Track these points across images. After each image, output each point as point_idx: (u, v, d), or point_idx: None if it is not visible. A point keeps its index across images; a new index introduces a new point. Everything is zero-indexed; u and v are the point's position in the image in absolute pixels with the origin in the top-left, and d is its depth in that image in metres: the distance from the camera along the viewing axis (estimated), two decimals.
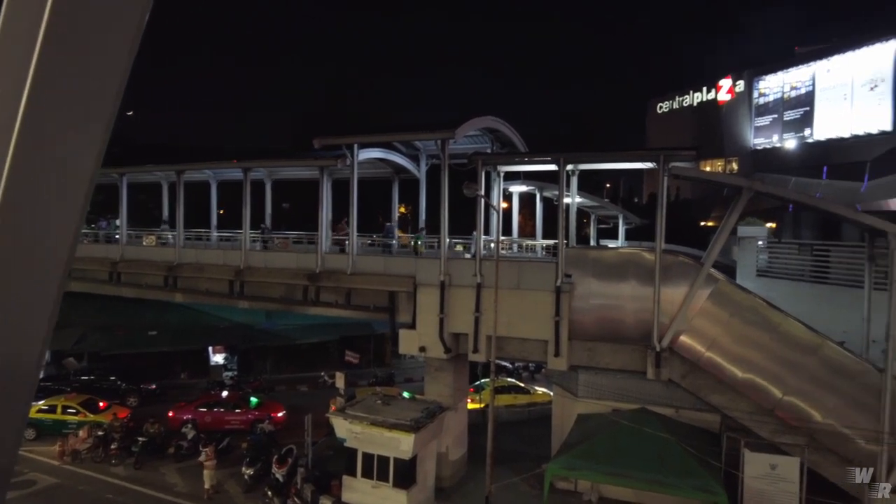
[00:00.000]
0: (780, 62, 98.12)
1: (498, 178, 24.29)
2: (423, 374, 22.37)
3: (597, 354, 19.15)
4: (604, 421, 19.11)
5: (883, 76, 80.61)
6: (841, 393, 16.52)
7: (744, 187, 17.38)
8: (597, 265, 18.91)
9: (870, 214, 18.24)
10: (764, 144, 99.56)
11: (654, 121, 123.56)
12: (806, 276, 23.56)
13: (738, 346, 17.16)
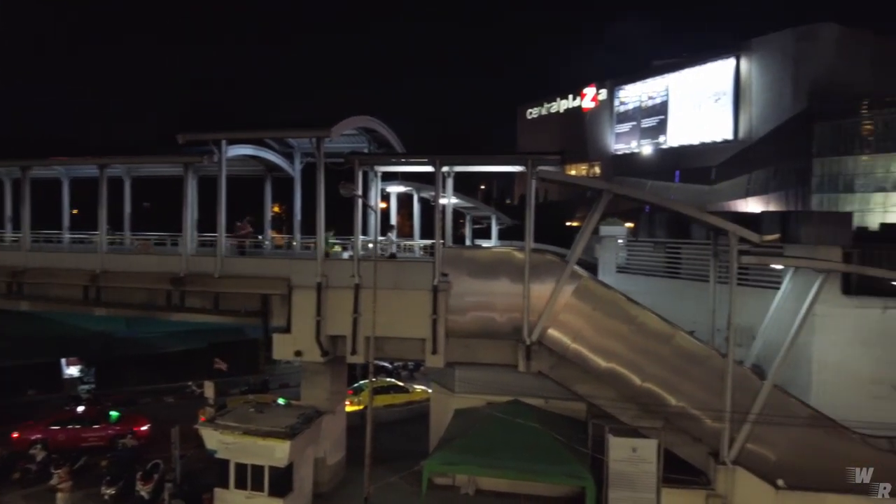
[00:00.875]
0: (639, 73, 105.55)
1: (376, 179, 24.25)
2: (300, 378, 21.87)
3: (472, 350, 19.65)
4: (479, 415, 19.68)
5: (725, 90, 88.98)
6: (692, 377, 18.09)
7: (604, 190, 18.59)
8: (472, 264, 19.42)
9: (714, 215, 20.14)
10: (624, 150, 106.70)
11: (525, 125, 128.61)
12: (660, 271, 25.55)
13: (601, 337, 18.30)
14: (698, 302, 20.61)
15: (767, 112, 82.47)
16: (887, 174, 64.98)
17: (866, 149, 66.16)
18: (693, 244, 24.22)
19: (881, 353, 19.03)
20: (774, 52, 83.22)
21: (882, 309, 19.08)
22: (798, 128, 71.94)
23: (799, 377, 19.19)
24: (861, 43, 77.84)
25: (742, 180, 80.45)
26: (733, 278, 17.65)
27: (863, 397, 18.88)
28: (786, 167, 72.80)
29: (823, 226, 20.15)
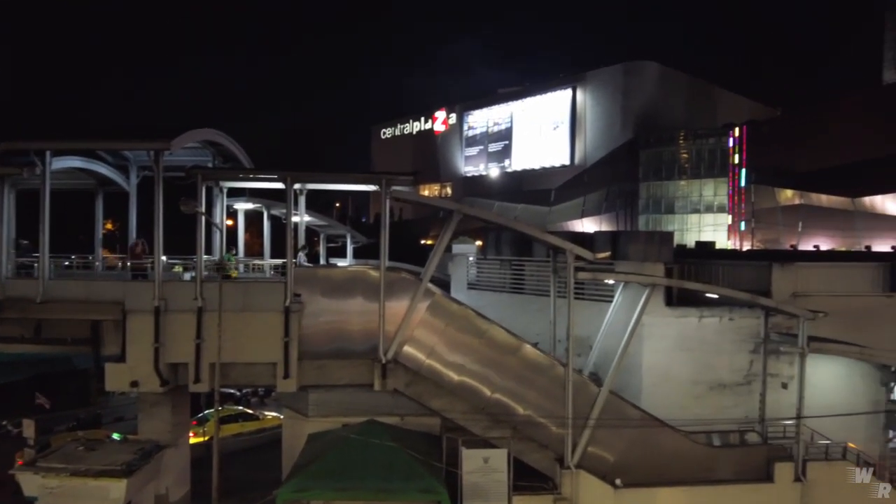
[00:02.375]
0: (486, 100, 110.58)
1: (221, 195, 23.17)
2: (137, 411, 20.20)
3: (327, 372, 19.30)
4: (334, 437, 19.31)
5: (563, 118, 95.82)
6: (537, 387, 19.11)
7: (454, 210, 19.26)
8: (326, 283, 19.15)
9: (553, 234, 21.55)
10: (473, 172, 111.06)
11: (379, 145, 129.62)
12: (507, 287, 26.81)
13: (454, 352, 18.81)
14: (541, 315, 21.87)
15: (600, 139, 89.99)
16: (701, 197, 73.40)
17: (683, 175, 74.33)
18: (535, 261, 25.68)
19: (699, 357, 21.33)
20: (606, 84, 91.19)
21: (698, 318, 21.42)
22: (626, 154, 79.33)
23: (631, 382, 20.96)
24: (677, 81, 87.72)
25: (578, 202, 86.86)
26: (571, 293, 18.98)
27: (685, 398, 21.05)
28: (616, 190, 79.82)
29: (648, 244, 22.27)
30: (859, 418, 20.90)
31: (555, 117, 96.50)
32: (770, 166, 65.08)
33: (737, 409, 21.24)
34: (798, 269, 23.05)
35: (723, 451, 20.15)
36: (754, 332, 21.42)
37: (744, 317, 21.43)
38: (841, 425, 19.97)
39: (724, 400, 21.28)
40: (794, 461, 19.52)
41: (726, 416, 20.84)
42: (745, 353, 21.46)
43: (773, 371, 21.31)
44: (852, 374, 21.61)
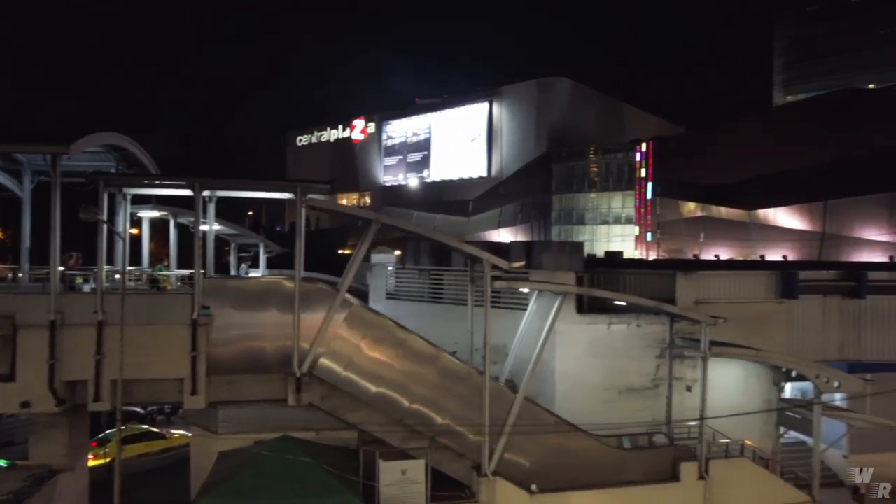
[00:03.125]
0: (405, 110, 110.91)
1: (124, 202, 21.95)
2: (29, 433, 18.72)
3: (238, 387, 18.58)
4: (246, 455, 18.62)
5: (480, 131, 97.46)
6: (455, 396, 19.17)
7: (372, 220, 19.10)
8: (237, 295, 18.46)
9: (471, 244, 21.79)
10: (392, 181, 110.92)
11: (295, 152, 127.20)
12: (425, 297, 26.86)
13: (371, 363, 18.58)
14: (459, 324, 22.02)
15: (516, 152, 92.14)
16: (610, 209, 76.40)
17: (594, 188, 77.19)
18: (454, 271, 25.88)
19: (608, 362, 22.12)
20: (521, 99, 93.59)
21: (608, 325, 22.23)
22: (540, 167, 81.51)
23: (545, 389, 21.44)
24: (587, 97, 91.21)
25: (495, 213, 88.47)
26: (488, 301, 19.23)
27: (596, 402, 21.74)
28: (531, 202, 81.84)
29: (561, 254, 22.97)
30: (755, 417, 22.28)
31: (472, 129, 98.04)
32: (674, 180, 68.68)
33: (645, 412, 22.14)
34: (700, 277, 24.40)
35: (632, 453, 20.92)
36: (660, 338, 22.44)
37: (650, 323, 22.40)
38: (739, 424, 21.20)
39: (634, 403, 22.14)
40: (697, 460, 20.51)
41: (635, 419, 21.68)
42: (652, 358, 22.44)
43: (678, 375, 22.39)
44: (748, 375, 23.01)
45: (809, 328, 25.13)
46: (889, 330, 25.82)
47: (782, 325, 24.68)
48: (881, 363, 25.51)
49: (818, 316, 25.26)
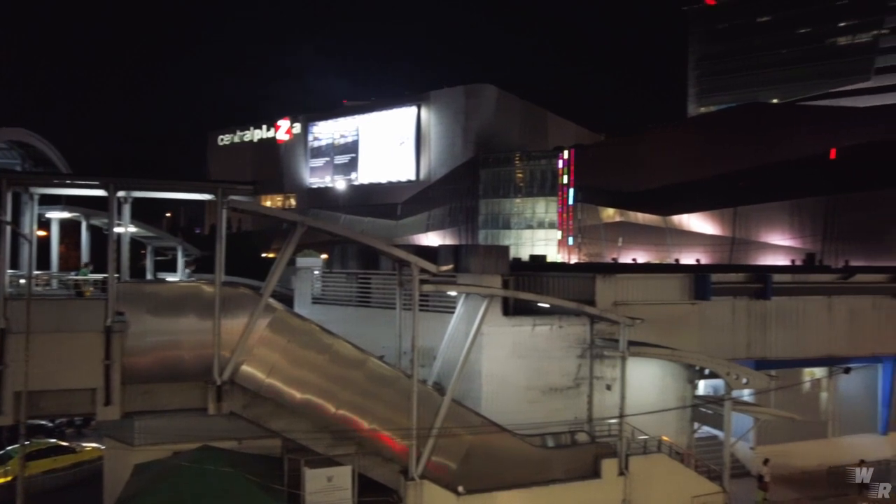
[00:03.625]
0: (332, 111, 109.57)
1: (31, 202, 20.67)
2: None
3: (155, 396, 17.83)
4: (165, 467, 17.92)
5: (408, 135, 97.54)
6: (383, 400, 19.09)
7: (298, 222, 18.77)
8: (154, 300, 17.71)
9: (399, 248, 21.81)
10: (318, 184, 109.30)
11: (216, 153, 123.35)
12: (353, 301, 26.62)
13: (297, 369, 18.24)
14: (387, 328, 21.94)
15: (444, 157, 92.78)
16: (534, 214, 78.17)
17: (519, 193, 78.80)
18: (382, 274, 25.78)
19: (532, 363, 22.60)
20: (448, 104, 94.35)
21: (532, 326, 22.71)
22: (467, 172, 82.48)
23: (472, 390, 21.68)
24: (512, 104, 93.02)
25: (423, 216, 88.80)
26: (416, 305, 19.27)
27: (521, 402, 22.17)
28: (458, 206, 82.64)
29: (487, 258, 23.31)
30: (671, 413, 23.33)
31: (401, 133, 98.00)
32: (595, 187, 71.03)
33: (567, 411, 22.76)
34: (618, 280, 25.31)
35: (556, 451, 21.46)
36: (581, 339, 23.14)
37: (572, 324, 23.07)
38: (656, 421, 22.14)
39: (556, 403, 22.72)
40: (618, 457, 21.26)
41: (558, 418, 22.26)
42: (574, 358, 23.10)
43: (599, 374, 23.14)
44: (664, 374, 24.05)
45: (720, 328, 26.52)
46: (791, 329, 27.60)
47: (695, 326, 25.94)
48: (784, 360, 27.28)
49: (728, 316, 26.69)
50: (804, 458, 26.85)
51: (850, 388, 29.49)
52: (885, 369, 29.45)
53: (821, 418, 29.06)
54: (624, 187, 68.82)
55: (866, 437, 29.34)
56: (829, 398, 29.41)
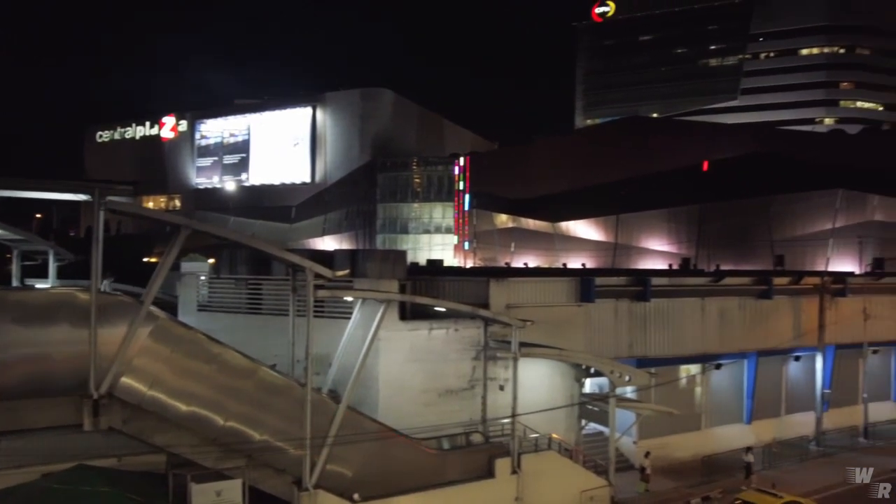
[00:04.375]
0: (221, 109, 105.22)
1: None
2: None
3: (21, 414, 16.31)
4: (33, 490, 16.45)
5: (303, 136, 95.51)
6: (275, 410, 18.52)
7: (182, 225, 17.84)
8: (20, 309, 16.20)
9: (293, 252, 21.27)
10: (206, 184, 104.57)
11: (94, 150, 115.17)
12: (243, 308, 25.68)
13: (182, 380, 17.32)
14: (279, 336, 21.35)
15: (340, 159, 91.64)
16: (431, 219, 78.89)
17: (416, 198, 79.28)
18: (274, 280, 25.06)
19: (429, 366, 22.78)
20: (345, 106, 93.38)
21: (429, 330, 22.90)
22: (365, 176, 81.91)
23: (369, 396, 21.53)
24: (409, 110, 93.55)
25: (319, 220, 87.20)
26: (310, 311, 18.87)
27: (417, 406, 22.28)
28: (356, 210, 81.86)
29: (384, 262, 23.26)
30: (560, 411, 24.31)
31: (295, 133, 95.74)
32: (489, 193, 72.76)
33: (463, 413, 23.14)
34: (511, 283, 26.07)
35: (451, 453, 21.72)
36: (476, 341, 23.61)
37: (467, 327, 23.49)
38: (546, 419, 22.98)
39: (452, 405, 23.02)
40: (510, 456, 21.83)
41: (454, 420, 22.57)
42: (469, 360, 23.52)
43: (492, 375, 23.69)
44: (553, 373, 25.01)
45: (604, 328, 27.92)
46: (668, 329, 29.52)
47: (582, 327, 27.16)
48: (662, 358, 29.13)
49: (611, 317, 28.14)
50: (681, 449, 28.79)
51: (721, 383, 31.97)
52: (750, 364, 32.14)
53: (695, 411, 31.26)
54: (516, 194, 70.98)
55: (734, 426, 31.91)
56: (702, 393, 31.71)
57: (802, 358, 33.39)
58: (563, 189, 67.47)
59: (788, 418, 33.22)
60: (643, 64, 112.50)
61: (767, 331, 31.81)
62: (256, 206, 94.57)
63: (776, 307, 32.16)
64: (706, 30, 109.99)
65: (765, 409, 32.80)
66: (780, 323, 32.33)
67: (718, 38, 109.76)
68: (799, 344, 32.45)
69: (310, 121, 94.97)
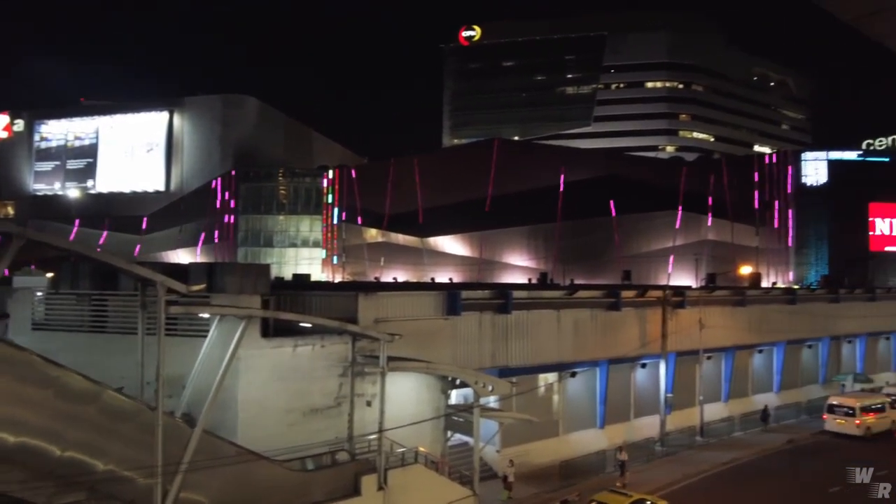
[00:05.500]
0: (65, 109, 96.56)
1: None
2: None
3: None
4: None
5: (158, 141, 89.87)
6: (121, 436, 17.02)
7: (14, 234, 16.01)
8: None
9: (143, 265, 19.78)
10: (46, 190, 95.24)
11: None
12: (85, 326, 23.49)
13: (10, 407, 15.44)
14: (127, 356, 19.77)
15: (199, 167, 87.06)
16: (298, 232, 76.94)
17: (282, 210, 76.99)
18: (121, 296, 23.20)
19: (293, 385, 22.07)
20: (205, 112, 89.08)
21: (294, 347, 22.21)
22: (226, 186, 78.35)
23: (227, 418, 20.43)
24: (276, 119, 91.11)
25: (174, 231, 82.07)
26: (161, 329, 17.56)
27: (280, 426, 21.47)
28: (215, 221, 77.96)
29: (246, 276, 22.30)
30: (426, 424, 24.51)
31: (149, 139, 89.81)
32: (359, 207, 72.45)
33: (329, 431, 22.62)
34: (379, 297, 26.04)
35: (315, 473, 21.13)
36: (343, 357, 23.25)
37: (335, 343, 23.08)
38: (413, 432, 23.04)
39: (318, 424, 22.44)
40: (377, 472, 21.63)
41: (320, 440, 21.99)
42: (336, 377, 23.10)
43: (360, 391, 23.43)
44: (420, 386, 25.21)
45: (469, 340, 28.63)
46: (527, 339, 30.81)
47: (448, 339, 27.68)
48: (523, 367, 30.37)
49: (476, 329, 28.93)
50: (541, 455, 30.08)
51: (576, 390, 33.88)
52: (602, 372, 34.35)
53: (553, 418, 32.83)
54: (386, 209, 71.28)
55: (589, 431, 33.89)
56: (559, 400, 33.40)
57: (648, 365, 36.24)
58: (432, 205, 68.84)
59: (637, 421, 35.80)
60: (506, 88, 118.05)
61: (617, 340, 34.17)
62: (104, 216, 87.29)
63: (624, 318, 34.65)
64: (564, 59, 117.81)
65: (616, 414, 35.15)
66: (628, 333, 34.86)
67: (574, 68, 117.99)
68: (645, 352, 35.15)
69: (166, 126, 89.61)
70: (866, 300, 50.48)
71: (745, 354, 42.27)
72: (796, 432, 37.37)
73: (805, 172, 79.10)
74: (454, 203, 68.03)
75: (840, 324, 47.39)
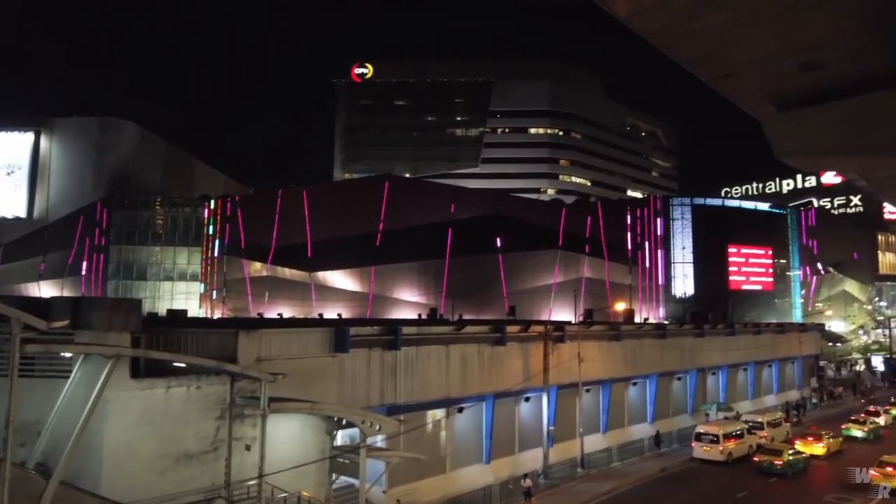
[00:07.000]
0: None
1: None
2: None
3: None
4: None
5: (21, 164, 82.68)
6: None
7: None
8: None
9: None
10: None
11: None
12: None
13: None
14: None
15: (67, 193, 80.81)
16: (174, 265, 72.84)
17: (158, 241, 72.69)
18: None
19: (165, 429, 20.63)
20: (79, 135, 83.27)
21: (166, 388, 20.82)
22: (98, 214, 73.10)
23: (90, 467, 18.73)
24: (155, 146, 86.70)
25: (36, 262, 75.28)
26: (15, 370, 15.94)
27: (151, 475, 19.94)
28: (84, 251, 72.29)
29: (115, 312, 20.75)
30: (310, 467, 23.61)
31: (10, 160, 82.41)
32: (242, 240, 69.86)
33: (204, 478, 21.26)
34: (262, 335, 25.04)
35: None
36: (221, 399, 22.07)
37: (211, 384, 21.88)
38: (296, 476, 22.16)
39: (191, 470, 21.06)
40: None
41: (194, 486, 20.63)
42: (212, 420, 21.84)
43: (238, 435, 22.27)
44: (304, 427, 24.36)
45: (357, 378, 28.09)
46: (416, 375, 30.75)
47: (335, 377, 27.02)
48: (411, 404, 30.17)
49: (364, 367, 28.48)
50: (429, 493, 29.81)
51: (463, 426, 34.05)
52: (488, 406, 34.82)
53: (441, 455, 32.74)
54: (271, 242, 69.26)
55: (475, 467, 34.06)
56: (447, 436, 33.40)
57: (532, 398, 37.17)
58: (321, 239, 67.73)
59: (521, 455, 36.44)
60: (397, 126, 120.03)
61: (502, 374, 34.87)
62: None
63: (509, 353, 35.49)
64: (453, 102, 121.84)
65: (502, 448, 35.62)
66: (513, 367, 35.71)
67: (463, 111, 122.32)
68: (528, 385, 36.08)
69: (31, 147, 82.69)
70: (727, 335, 54.91)
71: (621, 387, 44.44)
72: (669, 460, 39.53)
73: (673, 216, 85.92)
74: (344, 237, 67.38)
75: (705, 356, 51.19)
